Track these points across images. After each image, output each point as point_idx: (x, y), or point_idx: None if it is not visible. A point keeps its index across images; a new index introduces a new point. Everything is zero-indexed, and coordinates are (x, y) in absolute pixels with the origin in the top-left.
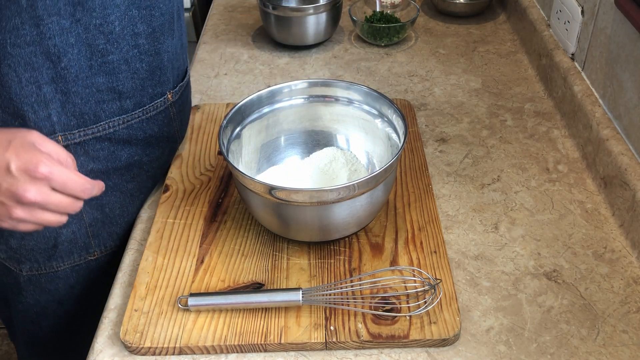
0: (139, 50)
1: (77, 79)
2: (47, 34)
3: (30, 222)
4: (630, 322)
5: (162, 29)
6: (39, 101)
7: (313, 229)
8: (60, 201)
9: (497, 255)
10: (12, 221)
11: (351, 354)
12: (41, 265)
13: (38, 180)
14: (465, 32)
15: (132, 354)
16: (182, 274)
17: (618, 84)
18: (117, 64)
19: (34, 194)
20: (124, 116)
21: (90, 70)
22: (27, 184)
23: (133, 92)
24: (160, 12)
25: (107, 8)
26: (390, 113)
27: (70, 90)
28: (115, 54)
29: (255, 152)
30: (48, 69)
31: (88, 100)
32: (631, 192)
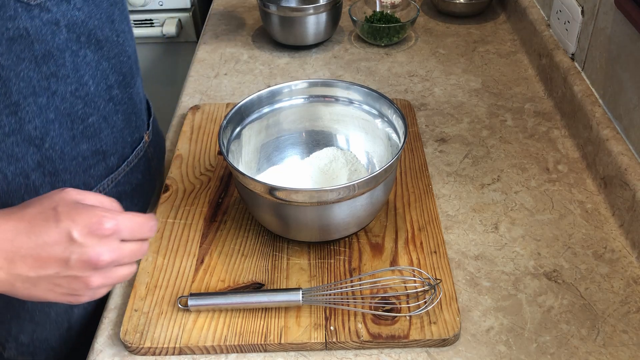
0: (113, 102)
1: (63, 154)
2: (26, 118)
3: (108, 285)
4: (630, 322)
5: (131, 71)
6: (29, 191)
7: (313, 229)
8: (132, 250)
9: (497, 255)
10: (90, 292)
11: (351, 354)
12: (57, 350)
13: (106, 238)
14: (465, 32)
15: (132, 354)
16: (182, 274)
17: (618, 84)
18: (97, 125)
19: (109, 253)
20: (111, 176)
21: (74, 140)
22: (97, 247)
23: (115, 147)
24: (127, 56)
25: (79, 70)
26: (390, 113)
27: (58, 168)
28: (94, 114)
29: (255, 152)
30: (33, 154)
31: (76, 171)
32: (631, 192)
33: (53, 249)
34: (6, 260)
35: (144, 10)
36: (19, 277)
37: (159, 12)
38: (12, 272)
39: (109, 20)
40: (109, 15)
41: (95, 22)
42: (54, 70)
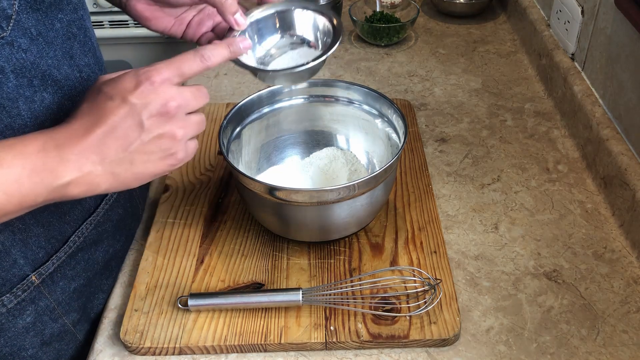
0: None
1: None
2: None
3: (190, 135)
4: (630, 322)
5: None
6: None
7: (313, 229)
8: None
9: (497, 255)
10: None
11: (351, 354)
12: None
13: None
14: (465, 32)
15: (132, 354)
16: (182, 274)
17: (618, 84)
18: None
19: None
20: (89, 219)
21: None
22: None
23: None
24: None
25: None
26: (390, 113)
27: (28, 223)
28: None
29: (255, 152)
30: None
31: (49, 222)
32: (631, 192)
33: (124, 122)
34: (94, 153)
35: None
36: (113, 162)
37: None
38: (106, 161)
39: (66, 56)
40: (66, 51)
41: (49, 61)
42: (8, 123)
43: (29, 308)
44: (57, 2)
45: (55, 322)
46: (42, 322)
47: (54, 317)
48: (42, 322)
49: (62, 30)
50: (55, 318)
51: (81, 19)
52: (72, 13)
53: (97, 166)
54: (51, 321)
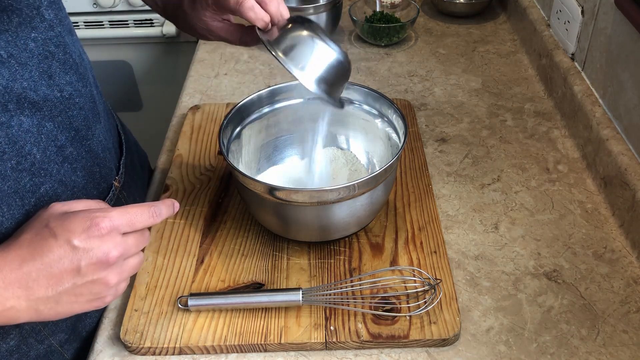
0: (69, 162)
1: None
2: None
3: (125, 279)
4: (630, 322)
5: (87, 122)
6: None
7: (313, 229)
8: (135, 240)
9: (497, 255)
10: (112, 289)
11: (351, 354)
12: None
13: (107, 236)
14: (465, 32)
15: (132, 354)
16: (182, 274)
17: (618, 84)
18: (52, 192)
19: (115, 249)
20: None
21: (28, 216)
22: (102, 246)
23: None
24: (79, 107)
25: (17, 141)
26: (390, 113)
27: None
28: (47, 182)
29: (255, 152)
30: None
31: None
32: (631, 192)
33: (61, 263)
34: (21, 288)
35: (144, 10)
36: (40, 300)
37: None
38: (31, 298)
39: (44, 76)
40: (43, 71)
41: (24, 83)
42: None
43: (12, 331)
44: (27, 21)
45: (40, 343)
46: (27, 345)
47: (40, 338)
48: (26, 344)
49: (37, 50)
50: (41, 339)
51: (59, 36)
52: (48, 31)
53: (21, 301)
54: (37, 343)
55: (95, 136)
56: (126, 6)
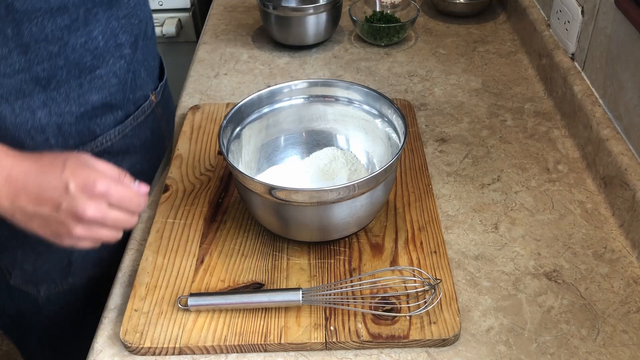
0: (125, 60)
1: (69, 98)
2: (35, 61)
3: (89, 239)
4: (630, 322)
5: (139, 34)
6: (35, 127)
7: (313, 229)
8: (117, 217)
9: (497, 255)
10: (72, 239)
11: (351, 354)
12: (58, 284)
13: (96, 198)
14: (465, 32)
15: (132, 354)
16: (182, 274)
17: (618, 84)
18: (105, 78)
19: (93, 211)
20: (118, 127)
21: (81, 88)
22: (86, 202)
23: (122, 102)
24: (139, 19)
25: (89, 24)
26: (390, 113)
27: (64, 111)
28: (103, 68)
29: (255, 152)
30: (39, 93)
31: (82, 118)
32: (631, 192)
33: (51, 192)
34: (14, 192)
35: None
36: (19, 209)
37: (158, 12)
38: (15, 204)
39: None
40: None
41: None
42: (67, 23)
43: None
44: None
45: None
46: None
47: None
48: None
49: None
50: None
51: None
52: None
53: (5, 200)
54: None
55: (143, 49)
56: None
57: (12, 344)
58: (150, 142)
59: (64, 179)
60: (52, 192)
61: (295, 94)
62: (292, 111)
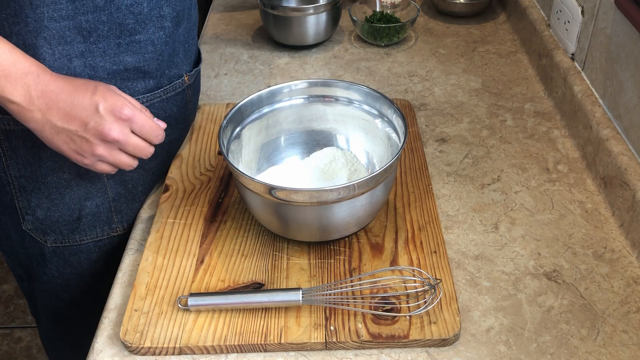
0: (164, 32)
1: (105, 54)
2: (81, 10)
3: (108, 162)
4: (630, 322)
5: (184, 13)
6: (70, 74)
7: (313, 229)
8: (137, 143)
9: (497, 255)
10: (93, 158)
11: (351, 354)
12: (65, 237)
13: (122, 121)
14: (465, 32)
15: (132, 354)
16: (182, 274)
17: (618, 84)
18: (143, 44)
19: (117, 132)
20: (147, 95)
21: (118, 48)
22: (112, 124)
23: (156, 72)
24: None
25: None
26: (390, 113)
27: (98, 65)
28: (143, 34)
29: (255, 152)
30: (79, 43)
31: (114, 76)
32: (631, 192)
33: (81, 111)
34: (47, 106)
35: None
36: (49, 122)
37: None
38: (46, 117)
39: None
40: None
41: None
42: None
43: None
44: None
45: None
46: None
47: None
48: None
49: None
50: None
51: None
52: None
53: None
54: None
55: (183, 29)
56: None
57: (12, 344)
58: (175, 119)
59: (95, 100)
60: (82, 111)
61: (295, 94)
62: (292, 111)
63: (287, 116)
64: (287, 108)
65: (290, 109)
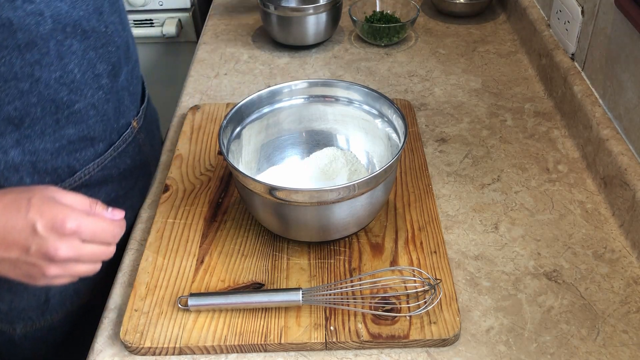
0: (103, 91)
1: (44, 135)
2: (5, 100)
3: (66, 277)
4: (630, 322)
5: (120, 61)
6: (8, 167)
7: (313, 229)
8: (93, 251)
9: (497, 255)
10: (46, 279)
11: (351, 354)
12: (35, 321)
13: (67, 236)
14: (465, 32)
15: (132, 354)
16: (182, 274)
17: (618, 84)
18: (84, 112)
19: (66, 250)
20: (97, 160)
21: (57, 124)
22: (57, 242)
23: (103, 134)
24: (116, 46)
25: (64, 58)
26: (390, 113)
27: (38, 148)
28: (81, 101)
29: (255, 152)
30: (11, 132)
31: (59, 154)
32: (631, 192)
33: (18, 234)
34: None
35: (144, 10)
36: None
37: (159, 12)
38: None
39: (96, 12)
40: (96, 8)
41: (81, 13)
42: (37, 58)
43: None
44: None
45: None
46: None
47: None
48: None
49: None
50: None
51: None
52: None
53: None
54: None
55: (124, 75)
56: (126, 6)
57: None
58: (130, 170)
59: (30, 219)
60: (19, 235)
61: (295, 94)
62: (292, 111)
63: (287, 116)
64: (287, 108)
65: (290, 109)
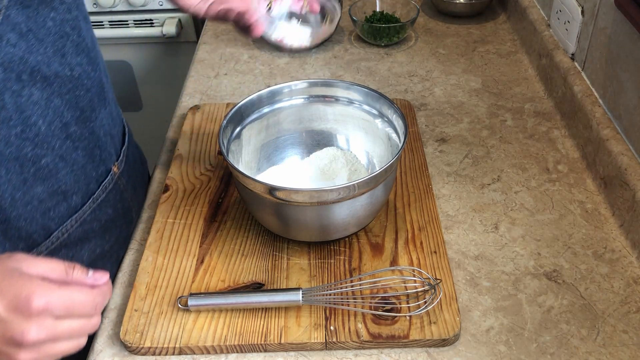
0: (71, 139)
1: (14, 200)
2: None
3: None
4: (630, 322)
5: (92, 104)
6: None
7: (313, 229)
8: (71, 328)
9: (497, 255)
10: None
11: (351, 354)
12: None
13: (35, 316)
14: (465, 32)
15: (132, 354)
16: (182, 274)
17: (618, 84)
18: (53, 165)
19: (36, 332)
20: (74, 216)
21: (25, 184)
22: (24, 324)
23: (77, 185)
24: (86, 89)
25: (24, 110)
26: (390, 113)
27: (10, 215)
28: (48, 155)
29: (255, 152)
30: None
31: (32, 217)
32: (631, 192)
33: None
34: None
35: (144, 10)
36: None
37: (159, 12)
38: None
39: (57, 54)
40: (57, 50)
41: (39, 57)
42: None
43: None
44: (48, 1)
45: None
46: None
47: None
48: None
49: (54, 29)
50: None
51: (75, 20)
52: (66, 13)
53: None
54: None
55: (99, 120)
56: (126, 6)
57: None
58: (112, 220)
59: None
60: None
61: (295, 94)
62: (292, 111)
63: (287, 116)
64: (287, 108)
65: (290, 109)
